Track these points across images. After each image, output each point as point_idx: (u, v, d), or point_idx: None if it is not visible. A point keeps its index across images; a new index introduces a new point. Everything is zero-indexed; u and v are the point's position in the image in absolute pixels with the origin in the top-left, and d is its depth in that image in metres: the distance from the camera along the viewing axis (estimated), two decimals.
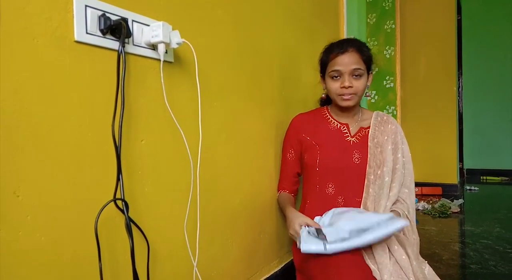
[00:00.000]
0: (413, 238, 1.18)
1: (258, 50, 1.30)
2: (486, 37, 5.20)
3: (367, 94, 1.31)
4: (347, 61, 1.20)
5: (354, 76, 1.21)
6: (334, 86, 1.23)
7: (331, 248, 0.99)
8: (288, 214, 1.20)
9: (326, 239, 1.00)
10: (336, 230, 1.01)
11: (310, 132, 1.32)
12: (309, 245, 1.00)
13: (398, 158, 1.24)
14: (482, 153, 5.27)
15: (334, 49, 1.25)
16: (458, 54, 4.00)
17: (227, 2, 1.12)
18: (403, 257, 1.05)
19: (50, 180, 0.64)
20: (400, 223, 1.03)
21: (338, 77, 1.23)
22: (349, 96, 1.22)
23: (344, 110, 1.30)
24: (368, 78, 1.26)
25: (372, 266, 1.04)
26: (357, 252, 1.09)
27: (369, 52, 1.27)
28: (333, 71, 1.22)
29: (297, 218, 1.12)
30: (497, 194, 4.04)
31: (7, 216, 0.58)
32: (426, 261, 1.15)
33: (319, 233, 1.02)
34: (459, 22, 4.00)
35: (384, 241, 1.07)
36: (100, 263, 0.70)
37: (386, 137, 1.26)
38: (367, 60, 1.24)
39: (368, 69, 1.26)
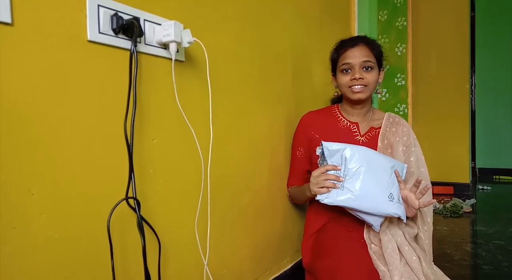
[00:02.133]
0: (425, 229, 1.18)
1: (268, 48, 1.29)
2: (499, 34, 5.10)
3: (378, 91, 1.30)
4: (357, 54, 1.21)
5: (364, 69, 1.21)
6: (345, 79, 1.23)
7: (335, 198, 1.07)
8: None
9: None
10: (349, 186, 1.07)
11: (319, 130, 1.31)
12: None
13: (412, 161, 1.22)
14: (495, 152, 5.19)
15: (345, 44, 1.25)
16: (471, 52, 3.93)
17: (237, 0, 1.12)
18: (414, 258, 1.04)
19: (63, 178, 0.65)
20: (399, 211, 1.07)
21: (349, 70, 1.22)
22: (360, 88, 1.21)
23: (355, 105, 1.28)
24: (379, 74, 1.25)
25: (382, 268, 1.04)
26: (366, 256, 1.09)
27: (380, 48, 1.26)
28: (343, 64, 1.22)
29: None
30: (510, 193, 3.97)
31: (22, 213, 0.59)
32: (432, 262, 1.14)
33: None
34: (472, 19, 3.92)
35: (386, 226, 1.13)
36: (112, 261, 0.70)
37: (397, 139, 1.24)
38: (378, 54, 1.24)
39: (379, 64, 1.25)
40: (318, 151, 1.14)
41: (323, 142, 1.11)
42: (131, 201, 0.73)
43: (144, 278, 0.76)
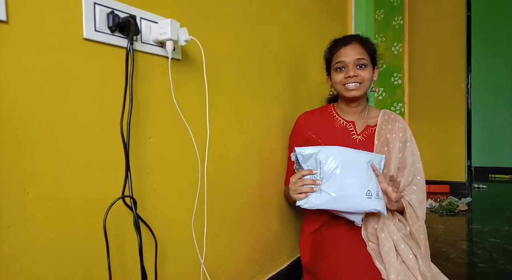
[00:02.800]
0: (419, 225, 1.17)
1: (266, 47, 1.29)
2: (495, 33, 5.13)
3: (373, 89, 1.31)
4: (350, 52, 1.21)
5: (358, 66, 1.21)
6: (339, 77, 1.24)
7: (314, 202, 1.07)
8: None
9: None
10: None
11: (316, 129, 1.31)
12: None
13: (406, 157, 1.22)
14: (491, 151, 5.22)
15: (338, 43, 1.26)
16: (467, 51, 3.95)
17: (236, 0, 1.12)
18: (410, 256, 1.04)
19: (59, 177, 0.64)
20: (378, 207, 1.08)
21: (343, 69, 1.23)
22: (354, 86, 1.21)
23: (351, 103, 1.28)
24: (374, 72, 1.26)
25: (379, 266, 1.04)
26: (366, 254, 1.09)
27: (373, 46, 1.27)
28: (337, 62, 1.23)
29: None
30: (506, 192, 4.00)
31: (18, 213, 0.59)
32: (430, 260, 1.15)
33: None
34: (468, 18, 3.94)
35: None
36: (109, 260, 0.70)
37: (394, 135, 1.24)
38: (371, 52, 1.25)
39: (373, 62, 1.26)
40: (292, 157, 1.14)
41: (296, 148, 1.12)
42: (128, 200, 0.73)
43: (141, 277, 0.76)
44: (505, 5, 5.06)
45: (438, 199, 3.18)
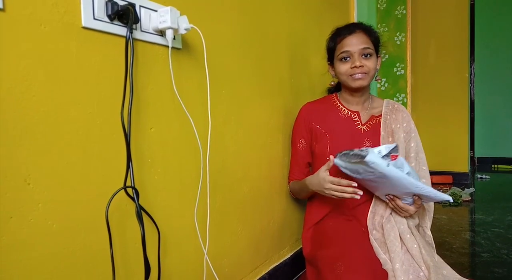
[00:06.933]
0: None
1: (266, 37, 1.28)
2: (499, 23, 5.06)
3: (377, 78, 1.29)
4: (355, 41, 1.19)
5: (364, 56, 1.19)
6: (345, 67, 1.21)
7: (391, 169, 0.98)
8: (311, 180, 1.18)
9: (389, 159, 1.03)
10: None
11: (320, 120, 1.29)
12: (375, 158, 0.98)
13: (412, 147, 1.21)
14: (494, 141, 5.19)
15: (341, 32, 1.24)
16: (471, 40, 3.90)
17: None
18: (415, 246, 1.04)
19: (60, 168, 0.64)
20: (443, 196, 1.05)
21: (348, 58, 1.21)
22: (361, 75, 1.19)
23: (355, 93, 1.27)
24: (377, 60, 1.24)
25: (382, 256, 1.04)
26: (367, 244, 1.08)
27: (376, 34, 1.25)
28: (342, 52, 1.21)
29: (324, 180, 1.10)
30: (509, 182, 3.99)
31: (19, 203, 0.58)
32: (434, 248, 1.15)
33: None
34: (472, 7, 3.88)
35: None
36: (112, 250, 0.70)
37: (398, 125, 1.23)
38: (375, 41, 1.23)
39: (377, 50, 1.24)
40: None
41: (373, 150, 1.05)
42: (130, 190, 0.73)
43: (144, 267, 0.75)
44: None
45: (441, 190, 3.17)
